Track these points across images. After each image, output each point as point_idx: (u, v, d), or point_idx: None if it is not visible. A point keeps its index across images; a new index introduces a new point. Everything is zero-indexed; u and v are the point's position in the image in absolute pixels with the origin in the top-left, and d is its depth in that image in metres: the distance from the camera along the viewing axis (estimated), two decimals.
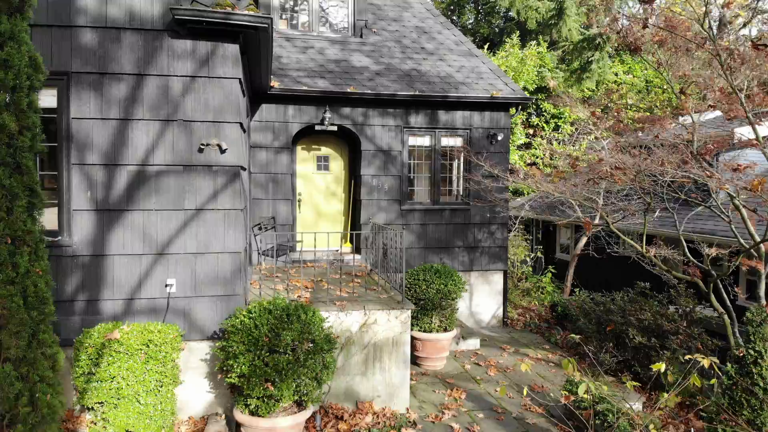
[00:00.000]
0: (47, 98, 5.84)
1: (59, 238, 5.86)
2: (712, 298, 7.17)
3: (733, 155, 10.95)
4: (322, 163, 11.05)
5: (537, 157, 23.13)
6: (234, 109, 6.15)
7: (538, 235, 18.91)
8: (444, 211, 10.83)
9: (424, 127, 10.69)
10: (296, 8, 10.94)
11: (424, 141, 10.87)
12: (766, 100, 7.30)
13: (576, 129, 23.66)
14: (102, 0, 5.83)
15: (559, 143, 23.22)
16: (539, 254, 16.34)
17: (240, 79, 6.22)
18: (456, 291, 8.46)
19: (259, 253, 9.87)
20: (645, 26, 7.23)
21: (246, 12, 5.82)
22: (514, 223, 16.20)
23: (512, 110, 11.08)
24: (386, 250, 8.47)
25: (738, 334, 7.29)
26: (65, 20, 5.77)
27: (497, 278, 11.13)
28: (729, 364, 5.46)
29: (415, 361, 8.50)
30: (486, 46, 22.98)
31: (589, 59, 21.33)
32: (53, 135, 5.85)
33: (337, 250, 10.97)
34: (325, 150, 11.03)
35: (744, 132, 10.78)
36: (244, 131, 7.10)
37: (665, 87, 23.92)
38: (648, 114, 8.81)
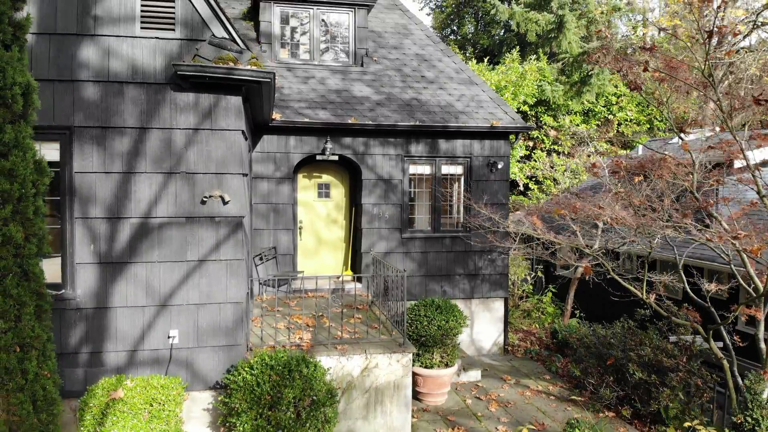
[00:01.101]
0: (50, 152, 5.87)
1: (63, 291, 5.89)
2: (712, 343, 7.21)
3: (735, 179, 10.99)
4: (323, 191, 11.09)
5: (536, 170, 23.19)
6: (237, 160, 6.18)
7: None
8: (445, 238, 10.86)
9: (424, 156, 10.73)
10: (297, 37, 10.96)
11: (425, 169, 10.90)
12: (765, 141, 7.34)
13: (576, 142, 23.74)
14: (104, 54, 5.86)
15: (558, 155, 23.29)
16: (540, 273, 16.38)
17: (243, 130, 6.25)
18: (457, 327, 8.50)
19: (260, 284, 9.91)
20: (645, 69, 7.26)
21: (248, 67, 5.85)
22: (515, 240, 16.22)
23: (512, 137, 11.12)
24: (387, 286, 8.50)
25: (737, 375, 7.32)
26: (67, 75, 5.80)
27: (498, 305, 11.16)
28: (726, 430, 5.49)
29: (416, 395, 8.53)
30: (486, 60, 22.99)
31: (589, 72, 21.37)
32: (56, 189, 5.88)
33: (339, 277, 11.00)
34: (326, 177, 11.07)
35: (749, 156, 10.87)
36: (245, 175, 7.13)
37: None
38: (650, 153, 8.82)
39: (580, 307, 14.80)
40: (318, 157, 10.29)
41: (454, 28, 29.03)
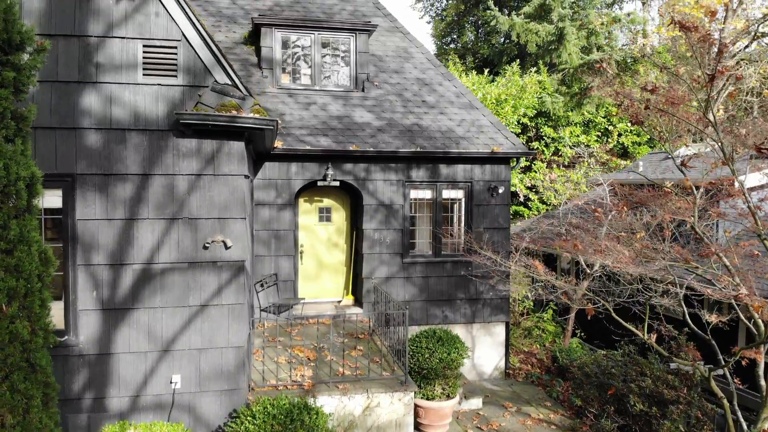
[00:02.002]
0: (52, 198, 5.89)
1: (66, 337, 5.91)
2: (713, 383, 7.22)
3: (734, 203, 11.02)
4: (324, 215, 11.10)
5: (537, 180, 23.20)
6: (239, 205, 6.19)
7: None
8: (446, 263, 10.87)
9: (425, 181, 10.74)
10: (299, 62, 10.96)
11: (426, 194, 10.91)
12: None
13: (576, 153, 23.75)
14: (106, 102, 5.87)
15: (558, 167, 23.31)
16: (540, 291, 16.37)
17: (245, 174, 6.26)
18: (459, 359, 8.51)
19: (261, 310, 9.93)
20: (647, 107, 7.27)
21: (251, 115, 5.86)
22: (515, 255, 16.23)
23: (512, 161, 11.13)
24: (388, 318, 8.51)
25: (737, 410, 7.34)
26: (69, 122, 5.81)
27: (499, 329, 11.18)
28: None
29: (417, 426, 8.55)
30: (486, 71, 22.99)
31: (590, 85, 21.37)
32: (59, 235, 5.89)
33: (339, 301, 11.03)
34: (327, 201, 11.08)
35: (749, 182, 10.97)
36: (244, 219, 7.15)
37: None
38: (650, 188, 8.86)
39: (581, 326, 14.82)
40: (319, 183, 10.30)
41: (455, 36, 29.03)
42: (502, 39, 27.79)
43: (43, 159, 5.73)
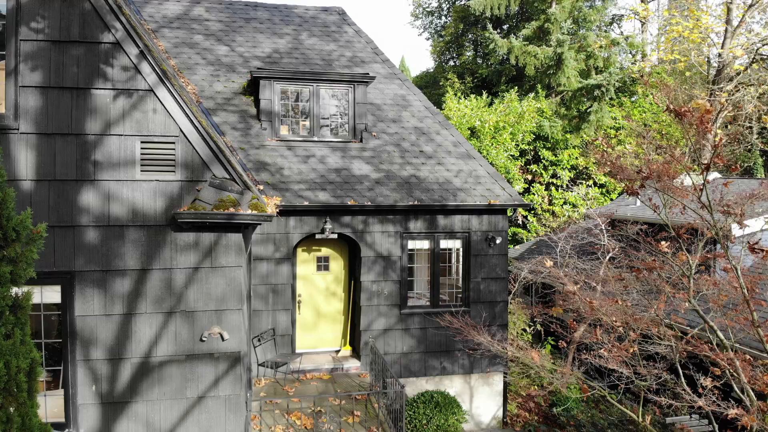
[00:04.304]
0: (51, 294, 5.92)
1: (66, 431, 5.94)
2: None
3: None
4: (322, 264, 11.14)
5: (535, 203, 23.24)
6: (236, 296, 6.22)
7: (536, 297, 18.99)
8: (444, 314, 10.89)
9: (423, 232, 10.77)
10: (298, 113, 10.99)
11: (424, 244, 10.95)
12: None
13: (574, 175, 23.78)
14: (104, 199, 5.89)
15: (557, 189, 23.34)
16: (539, 327, 16.40)
17: (242, 266, 6.29)
18: (457, 424, 8.57)
19: (258, 365, 9.96)
20: (642, 185, 7.31)
21: (249, 212, 5.88)
22: (514, 285, 16.27)
23: (509, 211, 11.16)
24: (386, 385, 8.55)
25: None
26: (67, 220, 5.84)
27: (497, 379, 11.23)
28: None
29: None
30: (485, 94, 23.00)
31: (588, 110, 21.40)
32: (58, 332, 5.92)
33: (338, 351, 11.07)
34: (325, 251, 11.11)
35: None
36: (241, 309, 7.17)
37: (663, 131, 24.02)
38: (644, 262, 8.90)
39: (582, 364, 14.85)
40: (317, 236, 10.34)
41: (454, 54, 29.02)
42: (501, 59, 27.81)
43: (42, 257, 5.74)
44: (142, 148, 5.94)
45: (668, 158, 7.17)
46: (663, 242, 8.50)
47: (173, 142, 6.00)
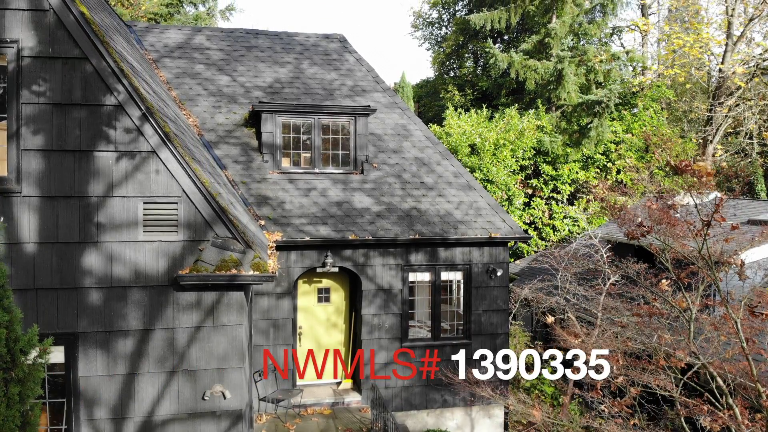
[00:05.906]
0: (55, 354, 5.92)
1: None
2: None
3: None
4: (323, 295, 11.15)
5: (536, 217, 23.27)
6: (238, 354, 6.24)
7: (536, 321, 18.99)
8: (445, 347, 10.92)
9: (424, 264, 10.78)
10: (299, 146, 11.00)
11: (425, 276, 10.96)
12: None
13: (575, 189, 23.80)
14: (107, 260, 5.91)
15: (557, 203, 23.36)
16: (540, 350, 16.43)
17: (244, 324, 6.31)
18: None
19: (259, 400, 9.98)
20: (643, 235, 7.33)
21: (251, 273, 5.90)
22: (515, 306, 16.28)
23: (510, 243, 11.18)
24: (387, 429, 8.57)
25: None
26: (70, 282, 5.85)
27: (498, 411, 11.24)
28: None
29: None
30: (485, 108, 23.01)
31: (588, 125, 21.41)
32: (61, 392, 5.94)
33: (339, 383, 11.08)
34: (326, 282, 11.13)
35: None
36: (242, 368, 7.19)
37: (663, 146, 24.01)
38: (644, 306, 8.94)
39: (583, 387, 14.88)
40: (318, 270, 10.35)
41: (454, 66, 29.02)
42: (501, 72, 27.83)
43: (45, 319, 5.78)
44: (144, 209, 5.95)
45: (665, 207, 7.20)
46: (663, 281, 8.54)
47: (176, 203, 6.02)
